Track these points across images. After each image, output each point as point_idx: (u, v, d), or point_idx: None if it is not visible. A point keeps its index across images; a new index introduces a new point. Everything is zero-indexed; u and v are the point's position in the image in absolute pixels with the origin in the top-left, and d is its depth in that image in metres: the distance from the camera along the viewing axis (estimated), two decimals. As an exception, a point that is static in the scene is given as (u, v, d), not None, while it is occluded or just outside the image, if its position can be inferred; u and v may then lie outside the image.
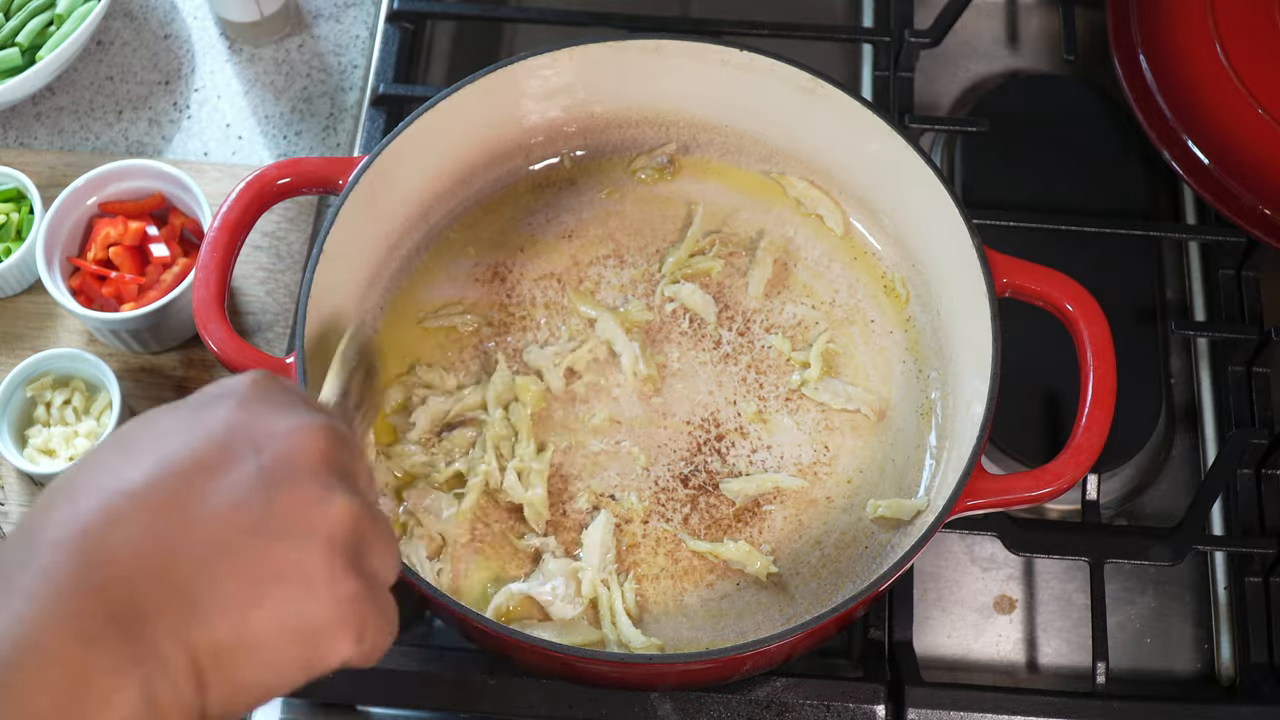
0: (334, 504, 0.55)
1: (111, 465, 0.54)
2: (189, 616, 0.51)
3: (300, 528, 0.54)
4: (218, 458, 0.54)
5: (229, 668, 0.52)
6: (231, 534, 0.53)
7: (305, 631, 0.54)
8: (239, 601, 0.52)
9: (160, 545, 0.52)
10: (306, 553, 0.54)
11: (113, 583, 0.50)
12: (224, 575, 0.52)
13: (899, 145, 0.93)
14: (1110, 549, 0.95)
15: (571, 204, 1.03)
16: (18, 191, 1.06)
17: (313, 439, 0.57)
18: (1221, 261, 1.08)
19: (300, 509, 0.54)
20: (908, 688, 0.89)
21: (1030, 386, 1.01)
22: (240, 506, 0.53)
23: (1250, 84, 1.06)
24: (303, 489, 0.55)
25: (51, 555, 0.51)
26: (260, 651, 0.53)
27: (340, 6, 1.20)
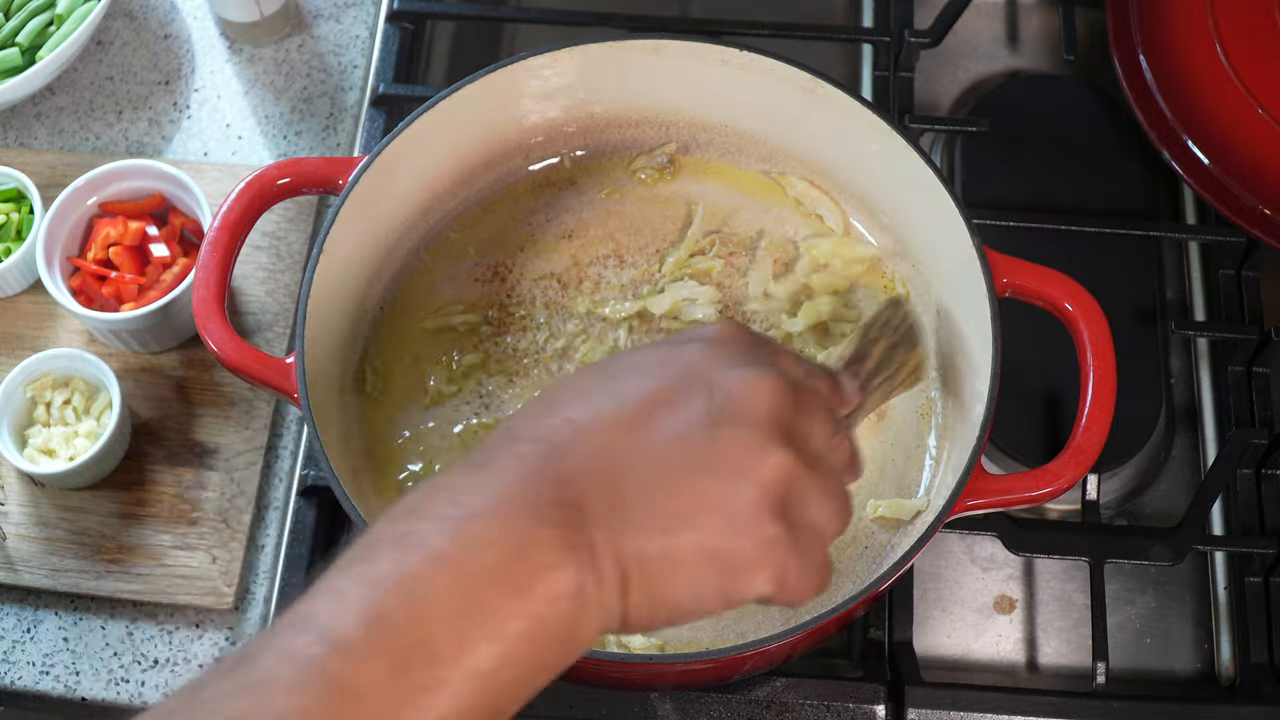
0: (770, 455, 0.59)
1: (591, 388, 0.61)
2: (624, 526, 0.57)
3: (734, 469, 0.58)
4: (675, 394, 0.60)
5: (652, 580, 0.57)
6: (672, 464, 0.58)
7: (724, 561, 0.58)
8: (667, 523, 0.57)
9: (611, 462, 0.58)
10: (736, 492, 0.58)
11: (567, 482, 0.57)
12: (659, 498, 0.57)
13: (899, 145, 0.93)
14: (1110, 549, 0.95)
15: (571, 204, 1.03)
16: (18, 191, 1.06)
17: (764, 390, 0.60)
18: (1221, 261, 1.08)
19: (737, 452, 0.59)
20: (908, 688, 0.89)
21: (1030, 386, 1.01)
22: (685, 440, 0.59)
23: (1250, 84, 1.06)
24: (745, 436, 0.59)
25: (527, 447, 0.58)
26: (681, 570, 0.57)
27: (340, 6, 1.20)
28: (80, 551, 0.96)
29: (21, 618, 0.96)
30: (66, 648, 0.95)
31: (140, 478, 0.99)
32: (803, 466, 0.60)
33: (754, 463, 0.59)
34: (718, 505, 0.58)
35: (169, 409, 1.01)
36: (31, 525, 0.97)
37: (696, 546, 0.57)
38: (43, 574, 0.96)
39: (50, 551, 0.96)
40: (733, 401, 0.60)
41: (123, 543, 0.97)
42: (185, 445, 1.00)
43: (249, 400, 1.02)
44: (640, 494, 0.57)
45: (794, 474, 0.59)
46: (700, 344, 0.63)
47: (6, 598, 0.97)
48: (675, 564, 0.57)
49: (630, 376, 0.61)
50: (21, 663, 0.95)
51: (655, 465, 0.58)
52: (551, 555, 0.55)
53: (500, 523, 0.55)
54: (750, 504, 0.58)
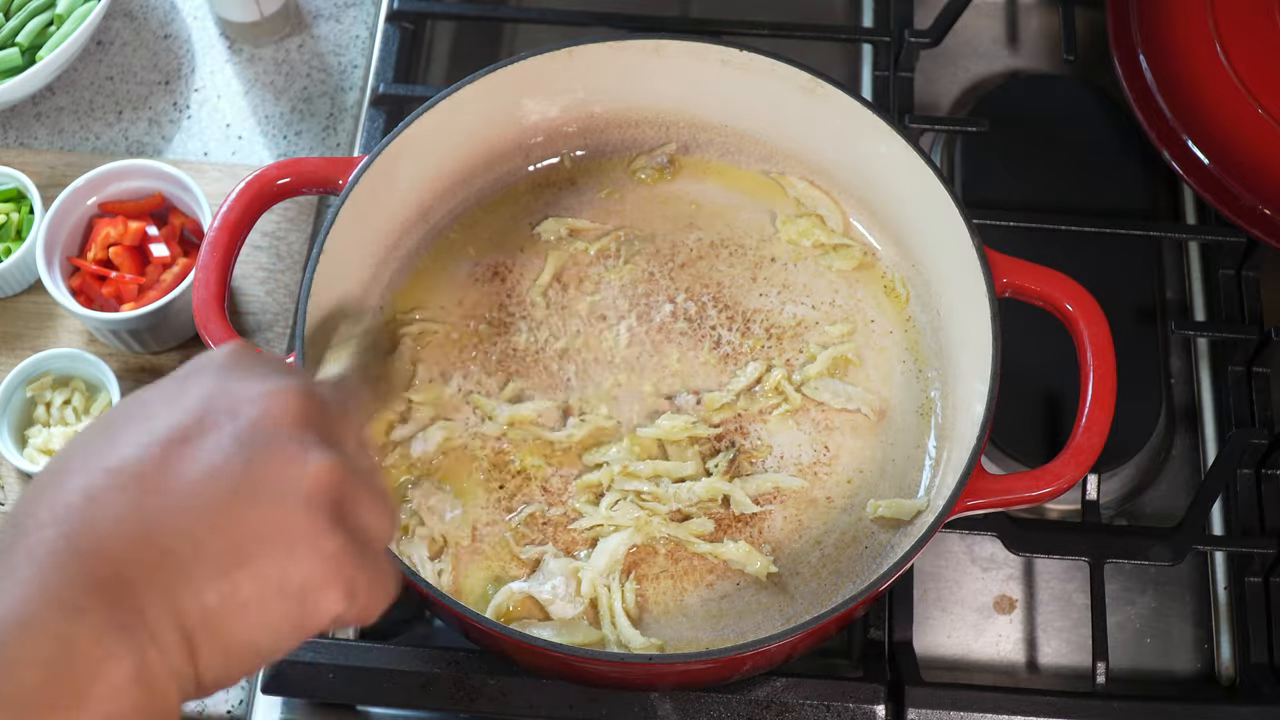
0: (310, 462, 0.55)
1: (95, 446, 0.55)
2: (174, 582, 0.51)
3: (277, 487, 0.54)
4: (195, 427, 0.55)
5: (218, 630, 0.52)
6: (210, 499, 0.53)
7: (291, 590, 0.53)
8: (222, 563, 0.52)
9: (142, 515, 0.52)
10: (285, 512, 0.54)
11: (97, 555, 0.51)
12: (206, 539, 0.52)
13: (899, 145, 0.93)
14: (1110, 549, 0.95)
15: (571, 204, 1.03)
16: (18, 191, 1.06)
17: (286, 400, 0.56)
18: (1221, 261, 1.08)
19: (276, 469, 0.54)
20: (908, 688, 0.89)
21: (1030, 386, 1.01)
22: (217, 471, 0.54)
23: (1250, 84, 1.06)
24: (278, 449, 0.55)
25: (37, 534, 0.51)
26: (248, 611, 0.53)
27: (340, 6, 1.20)
28: (80, 551, 0.96)
29: (21, 618, 0.96)
30: (66, 648, 0.95)
31: (140, 478, 0.99)
32: (344, 467, 0.56)
33: (295, 475, 0.54)
34: (268, 531, 0.53)
35: (169, 409, 1.01)
36: (31, 525, 0.97)
37: (256, 580, 0.53)
38: (43, 574, 0.96)
39: (50, 551, 0.96)
40: (259, 419, 0.55)
41: None
42: (185, 445, 1.00)
43: (249, 400, 1.01)
44: (181, 540, 0.52)
45: (340, 477, 0.56)
46: (203, 372, 0.58)
47: (6, 598, 0.96)
48: (238, 606, 0.52)
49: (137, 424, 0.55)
50: (21, 663, 0.94)
51: (191, 506, 0.53)
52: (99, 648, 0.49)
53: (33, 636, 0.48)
54: (302, 520, 0.54)
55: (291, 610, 0.54)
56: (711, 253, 1.00)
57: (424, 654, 0.89)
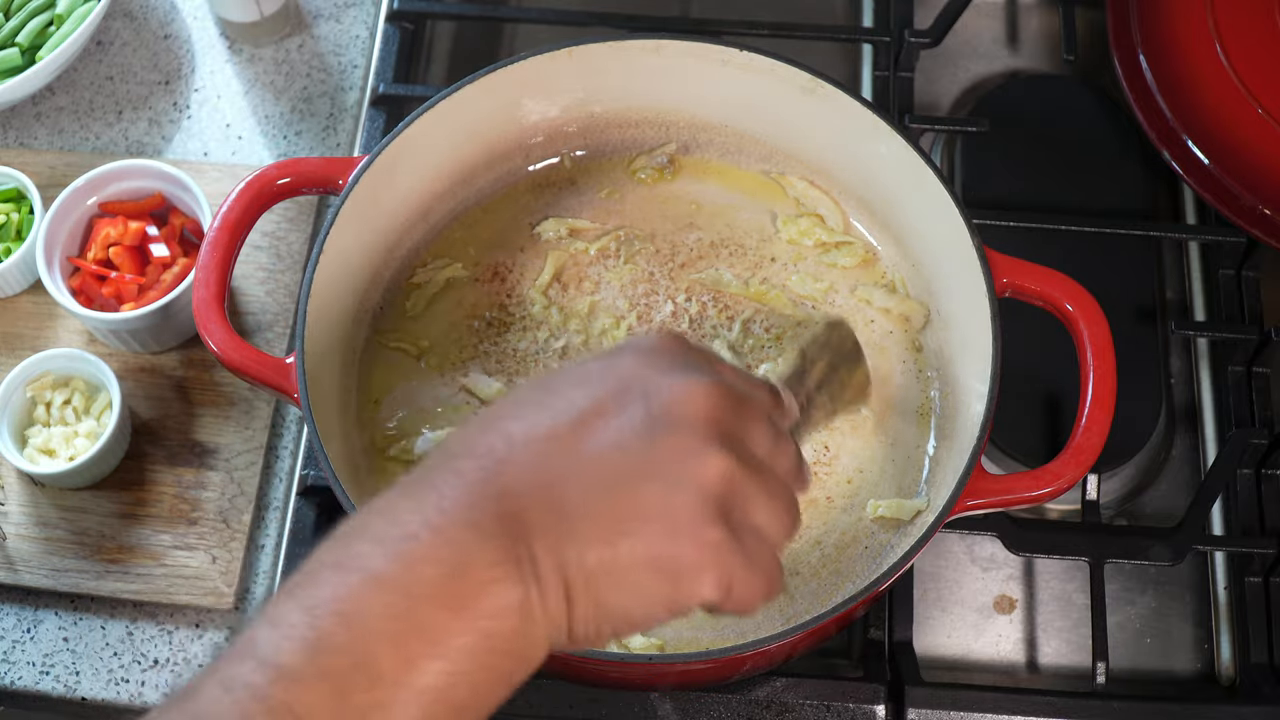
0: (710, 458, 0.58)
1: (530, 401, 0.61)
2: (565, 537, 0.56)
3: (674, 474, 0.58)
4: (612, 404, 0.60)
5: (594, 589, 0.56)
6: (611, 472, 0.58)
7: (667, 568, 0.57)
8: (609, 531, 0.57)
9: (549, 474, 0.57)
10: (676, 497, 0.57)
11: (507, 496, 0.56)
12: (598, 505, 0.57)
13: (899, 145, 0.93)
14: (1110, 549, 0.95)
15: (571, 204, 1.03)
16: (18, 191, 1.06)
17: (701, 395, 0.60)
18: (1221, 261, 1.08)
19: (677, 457, 0.58)
20: (908, 688, 0.89)
21: (1030, 386, 1.01)
22: (623, 448, 0.58)
23: (1250, 84, 1.06)
24: (683, 440, 0.59)
25: (465, 463, 0.58)
26: (625, 578, 0.57)
27: (340, 6, 1.20)
28: (80, 551, 0.96)
29: (21, 618, 0.96)
30: (66, 648, 0.95)
31: (140, 478, 0.99)
32: (745, 470, 0.59)
33: (693, 467, 0.58)
34: (658, 512, 0.57)
35: (169, 409, 1.01)
36: (31, 525, 0.97)
37: (639, 554, 0.57)
38: (43, 574, 0.96)
39: (50, 551, 0.96)
40: (670, 407, 0.59)
41: (123, 543, 0.97)
42: (185, 445, 1.00)
43: (249, 400, 1.02)
44: (581, 504, 0.57)
45: (735, 477, 0.59)
46: (635, 354, 0.63)
47: (6, 598, 0.97)
48: (618, 573, 0.57)
49: (566, 390, 0.61)
50: (21, 663, 0.95)
51: (595, 475, 0.58)
52: (493, 569, 0.54)
53: (439, 540, 0.54)
54: (690, 508, 0.57)
55: (665, 587, 0.57)
56: (711, 253, 1.00)
57: (424, 654, 0.89)
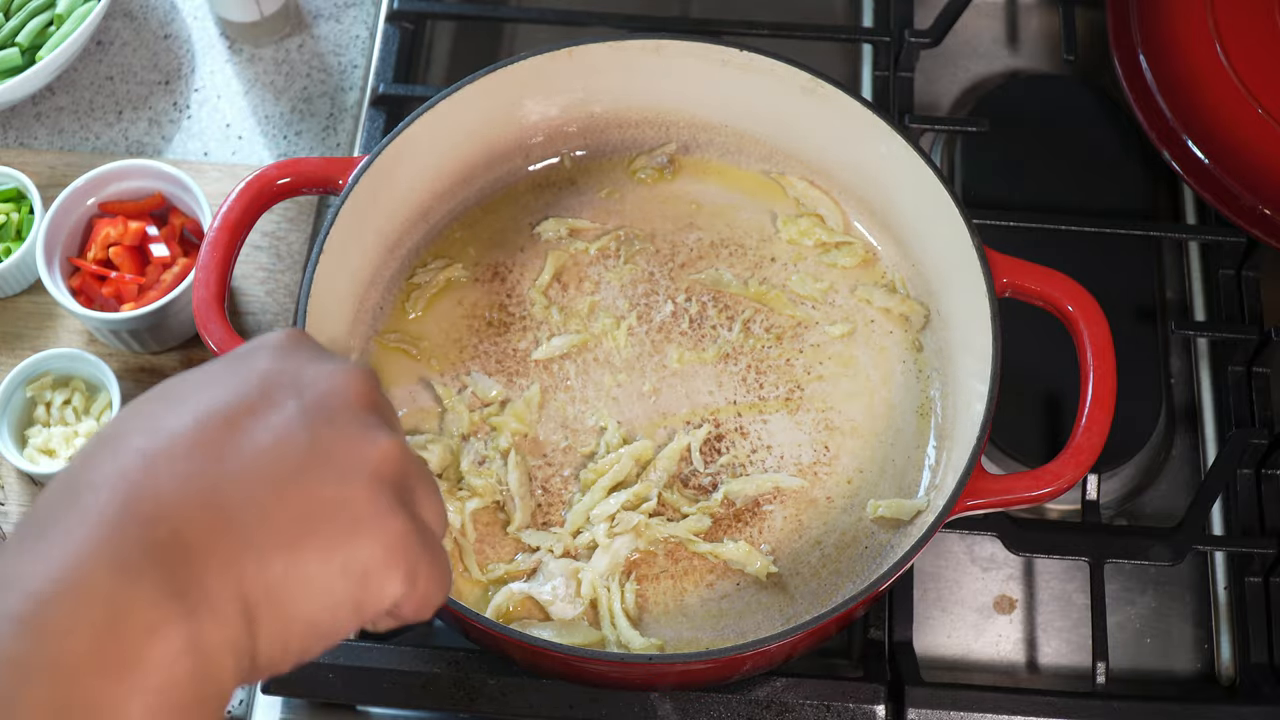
0: (377, 442, 0.55)
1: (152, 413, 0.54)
2: (237, 549, 0.50)
3: (344, 464, 0.54)
4: (259, 401, 0.54)
5: (280, 603, 0.51)
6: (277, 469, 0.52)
7: (355, 568, 0.53)
8: (288, 534, 0.51)
9: (206, 482, 0.51)
10: (352, 489, 0.54)
11: (156, 519, 0.49)
12: (272, 508, 0.51)
13: (899, 145, 0.93)
14: (1110, 549, 0.95)
15: (571, 204, 1.03)
16: (18, 191, 1.06)
17: (352, 381, 0.57)
18: (1221, 261, 1.08)
19: (344, 446, 0.54)
20: (908, 688, 0.89)
21: (1030, 386, 1.01)
22: (285, 444, 0.53)
23: (1250, 84, 1.06)
24: (345, 427, 0.55)
25: (91, 496, 0.49)
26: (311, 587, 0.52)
27: (340, 6, 1.20)
28: (80, 551, 0.96)
29: (21, 618, 0.96)
30: (66, 648, 0.95)
31: (140, 478, 0.99)
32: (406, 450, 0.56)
33: (363, 453, 0.54)
34: (337, 507, 0.53)
35: (169, 409, 1.01)
36: (31, 525, 0.97)
37: (321, 555, 0.52)
38: (43, 574, 0.96)
39: (50, 551, 0.96)
40: (324, 397, 0.55)
41: None
42: (185, 445, 1.00)
43: (249, 400, 1.01)
44: (249, 511, 0.51)
45: (403, 457, 0.56)
46: (267, 350, 0.57)
47: (6, 598, 0.96)
48: (301, 580, 0.51)
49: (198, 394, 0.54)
50: (21, 663, 0.95)
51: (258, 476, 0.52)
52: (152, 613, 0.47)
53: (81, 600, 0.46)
54: (368, 498, 0.54)
55: (353, 589, 0.53)
56: (712, 253, 1.00)
57: (424, 654, 0.89)
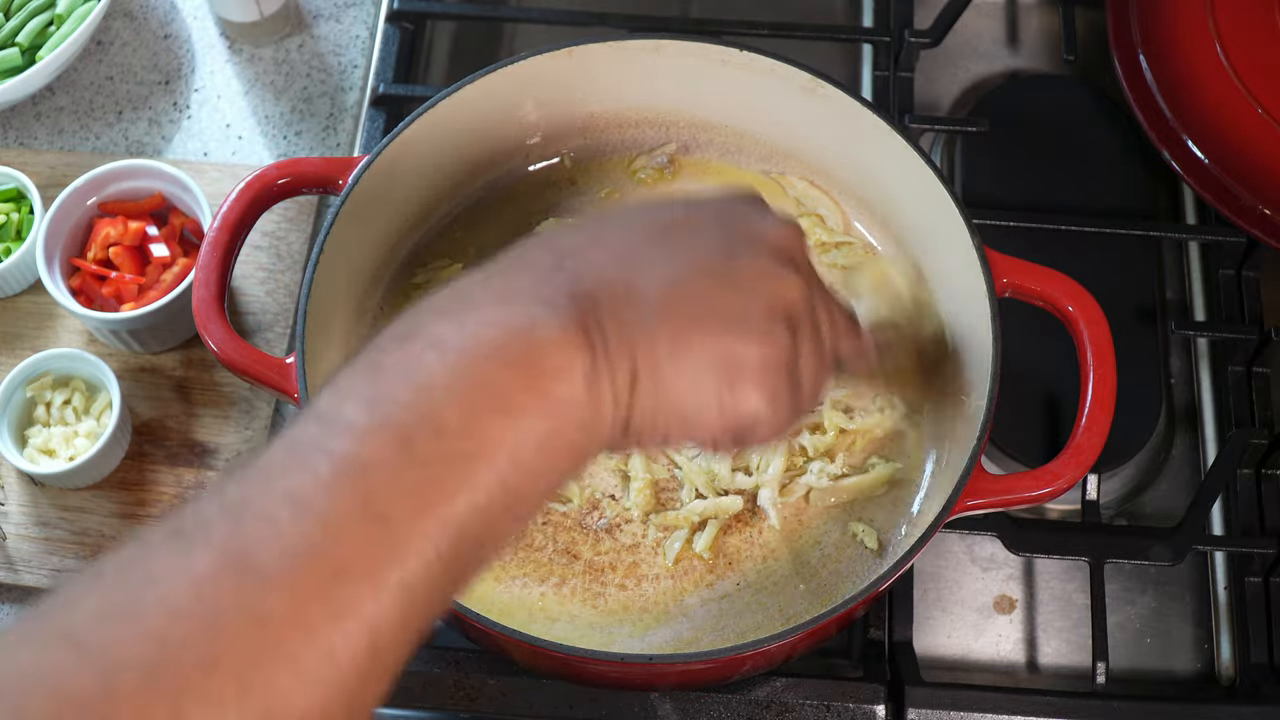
0: (788, 280, 0.60)
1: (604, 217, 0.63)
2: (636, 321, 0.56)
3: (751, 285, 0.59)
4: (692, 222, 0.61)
5: (660, 376, 0.57)
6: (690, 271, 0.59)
7: (730, 366, 0.58)
8: (682, 321, 0.57)
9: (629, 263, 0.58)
10: (751, 305, 0.59)
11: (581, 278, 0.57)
12: (674, 298, 0.58)
13: (899, 145, 0.93)
14: (1110, 549, 0.95)
15: (571, 204, 1.03)
16: (18, 191, 1.06)
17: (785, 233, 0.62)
18: (1221, 261, 1.08)
19: (757, 273, 0.60)
20: (908, 688, 0.89)
21: (1030, 386, 1.01)
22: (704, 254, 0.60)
23: (1250, 84, 1.06)
24: (764, 261, 0.60)
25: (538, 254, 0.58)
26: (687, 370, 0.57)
27: (340, 6, 1.20)
28: (80, 551, 0.96)
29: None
30: (66, 648, 0.95)
31: (140, 478, 0.99)
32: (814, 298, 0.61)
33: (771, 284, 0.60)
34: (731, 313, 0.58)
35: (169, 409, 1.01)
36: (31, 525, 0.97)
37: (704, 346, 0.57)
38: (43, 574, 0.96)
39: (50, 551, 0.96)
40: (751, 235, 0.61)
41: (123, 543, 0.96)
42: (185, 445, 1.00)
43: (249, 400, 1.02)
44: (656, 295, 0.57)
45: (805, 305, 0.61)
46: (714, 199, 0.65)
47: (6, 598, 0.97)
48: (685, 362, 0.57)
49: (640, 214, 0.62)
50: (21, 663, 0.95)
51: (672, 274, 0.58)
52: (562, 334, 0.54)
53: (508, 310, 0.55)
54: (761, 317, 0.59)
55: (721, 391, 0.58)
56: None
57: (424, 654, 0.89)
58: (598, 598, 0.89)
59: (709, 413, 0.59)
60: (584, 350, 0.55)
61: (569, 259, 0.58)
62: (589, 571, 0.89)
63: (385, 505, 0.49)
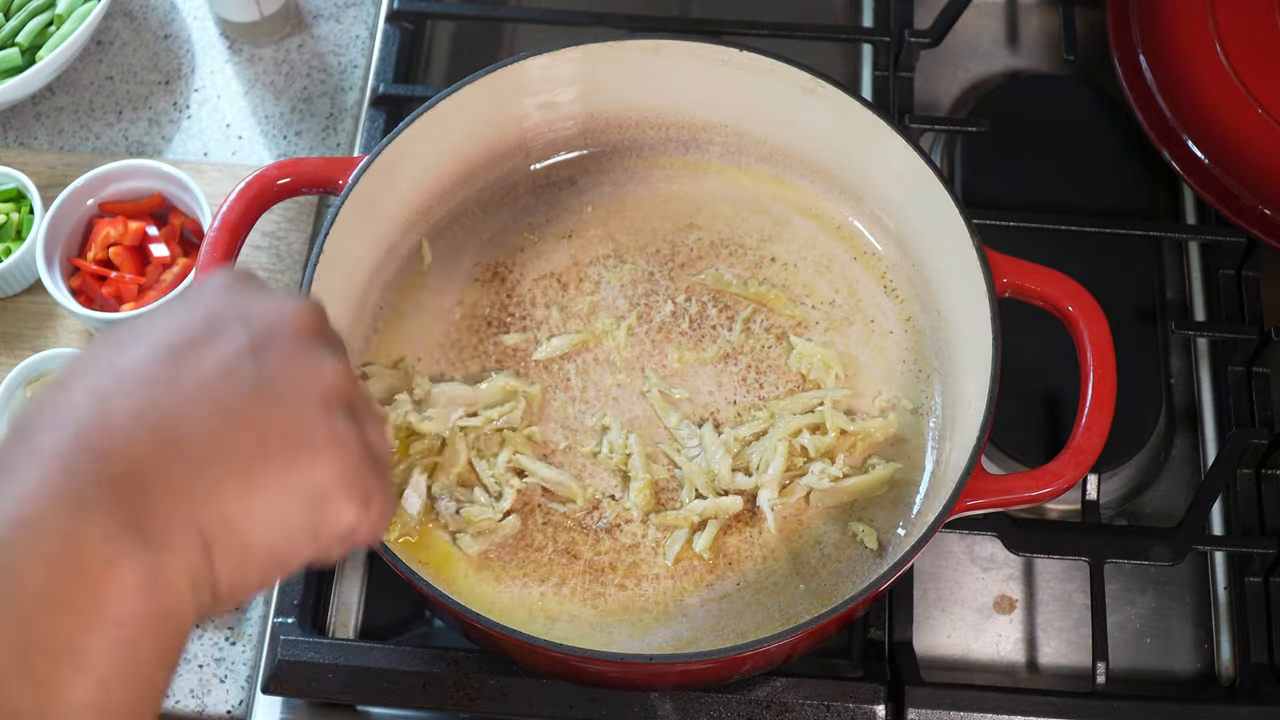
0: (325, 365, 0.55)
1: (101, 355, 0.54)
2: (191, 479, 0.50)
3: (295, 389, 0.54)
4: (207, 333, 0.54)
5: (236, 530, 0.51)
6: (228, 397, 0.52)
7: (311, 492, 0.53)
8: (243, 461, 0.51)
9: (156, 414, 0.51)
10: (305, 413, 0.54)
11: (108, 453, 0.49)
12: (225, 435, 0.51)
13: (899, 145, 0.93)
14: (1110, 549, 0.95)
15: (571, 204, 1.03)
16: (18, 191, 1.06)
17: (297, 310, 0.57)
18: (1221, 261, 1.08)
19: (293, 371, 0.54)
20: (908, 688, 0.89)
21: (1030, 386, 1.01)
22: (233, 373, 0.53)
23: (1250, 84, 1.06)
24: (293, 353, 0.55)
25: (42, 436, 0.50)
26: (267, 513, 0.52)
27: (340, 6, 1.20)
28: (80, 551, 0.96)
29: (21, 618, 0.96)
30: (66, 648, 0.95)
31: (140, 478, 0.99)
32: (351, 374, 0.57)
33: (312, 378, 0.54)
34: (288, 432, 0.53)
35: (169, 409, 1.01)
36: (31, 525, 0.97)
37: (277, 480, 0.52)
38: (43, 574, 0.96)
39: (50, 551, 0.96)
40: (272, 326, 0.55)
41: None
42: (185, 445, 1.00)
43: (249, 400, 1.01)
44: (202, 441, 0.51)
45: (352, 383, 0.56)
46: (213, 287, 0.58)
47: (6, 598, 0.97)
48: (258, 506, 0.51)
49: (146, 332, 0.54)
50: (21, 663, 0.94)
51: (209, 406, 0.52)
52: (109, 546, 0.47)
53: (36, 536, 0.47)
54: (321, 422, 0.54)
55: (310, 514, 0.53)
56: (711, 253, 1.00)
57: (424, 654, 0.89)
58: (598, 598, 0.89)
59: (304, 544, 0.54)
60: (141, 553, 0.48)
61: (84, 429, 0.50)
62: (589, 571, 0.89)
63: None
